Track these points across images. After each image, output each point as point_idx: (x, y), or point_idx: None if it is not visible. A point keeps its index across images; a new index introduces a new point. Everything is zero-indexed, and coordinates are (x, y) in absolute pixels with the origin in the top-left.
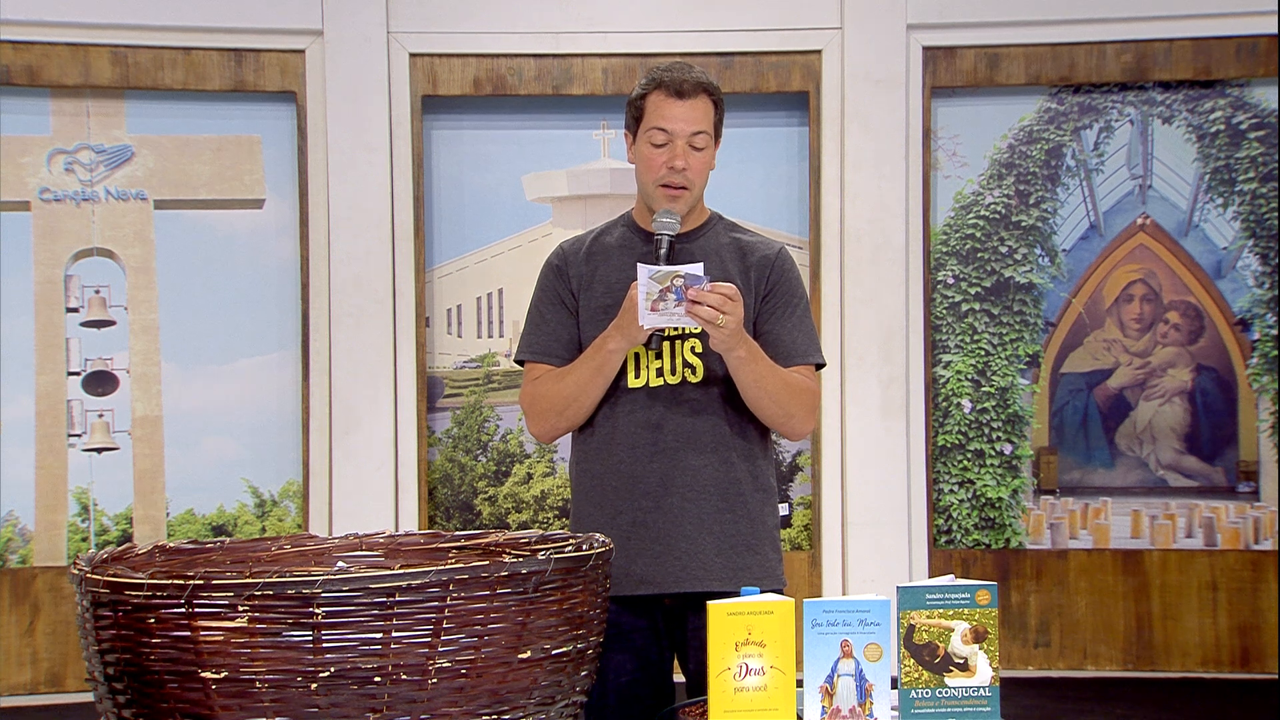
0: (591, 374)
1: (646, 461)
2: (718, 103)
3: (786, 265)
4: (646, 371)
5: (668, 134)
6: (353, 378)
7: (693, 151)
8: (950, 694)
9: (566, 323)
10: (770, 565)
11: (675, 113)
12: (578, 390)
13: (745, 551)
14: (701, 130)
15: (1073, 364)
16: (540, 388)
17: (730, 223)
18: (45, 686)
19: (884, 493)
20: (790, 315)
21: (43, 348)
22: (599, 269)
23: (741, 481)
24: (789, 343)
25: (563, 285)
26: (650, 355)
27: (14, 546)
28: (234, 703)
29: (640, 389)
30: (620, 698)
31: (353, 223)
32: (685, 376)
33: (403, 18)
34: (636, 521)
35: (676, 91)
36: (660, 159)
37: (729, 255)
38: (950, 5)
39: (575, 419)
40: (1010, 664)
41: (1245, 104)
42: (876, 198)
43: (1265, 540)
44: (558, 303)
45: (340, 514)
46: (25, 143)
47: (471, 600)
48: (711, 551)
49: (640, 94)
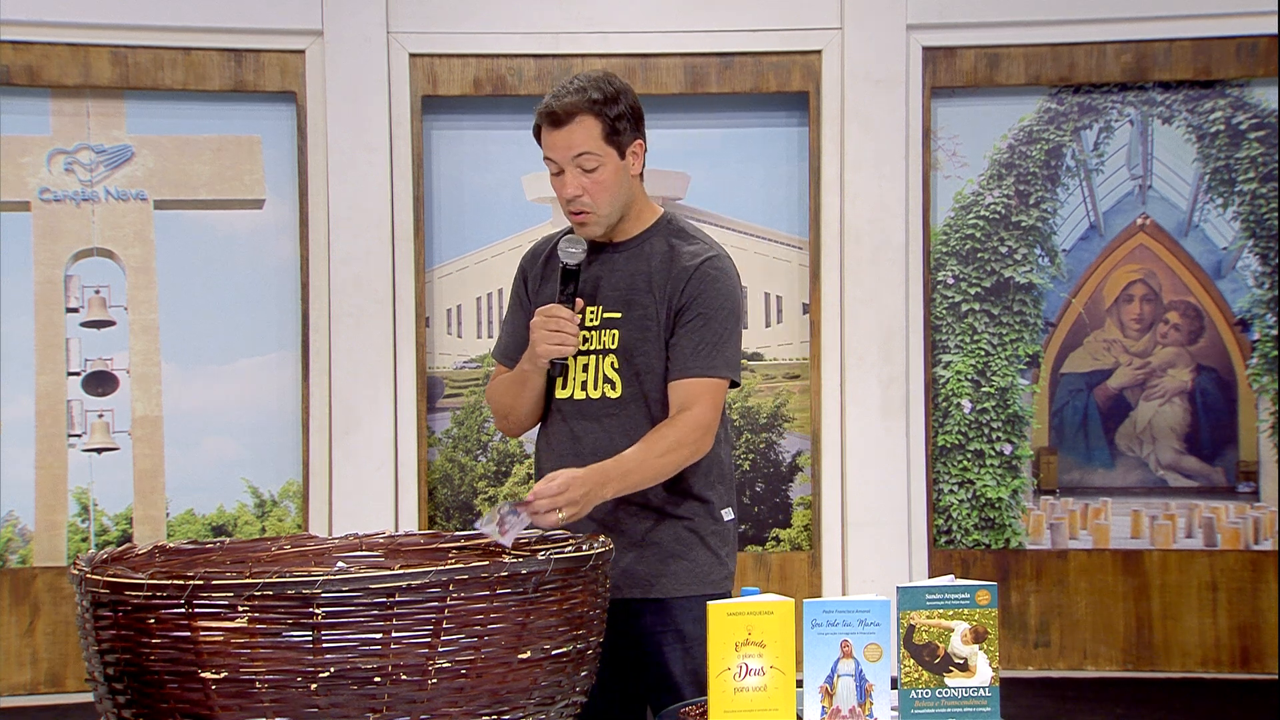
0: (517, 387)
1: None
2: (602, 115)
3: (704, 278)
4: (572, 384)
5: (554, 163)
6: (353, 378)
7: (583, 174)
8: (950, 694)
9: (524, 325)
10: (701, 569)
11: (553, 141)
12: (510, 399)
13: (670, 558)
14: (584, 152)
15: (1073, 364)
16: (490, 389)
17: (677, 227)
18: (45, 687)
19: (884, 493)
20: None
21: (43, 348)
22: (545, 283)
23: (660, 491)
24: (676, 356)
25: (522, 288)
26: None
27: (14, 546)
28: (234, 703)
29: (566, 400)
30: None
31: (353, 223)
32: (605, 392)
33: (403, 18)
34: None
35: (551, 120)
36: (560, 190)
37: (658, 264)
38: (950, 5)
39: (517, 423)
40: (1010, 664)
41: (1245, 104)
42: (876, 198)
43: (1265, 540)
44: (518, 306)
45: (340, 514)
46: (25, 143)
47: (471, 600)
48: (631, 559)
49: (535, 126)
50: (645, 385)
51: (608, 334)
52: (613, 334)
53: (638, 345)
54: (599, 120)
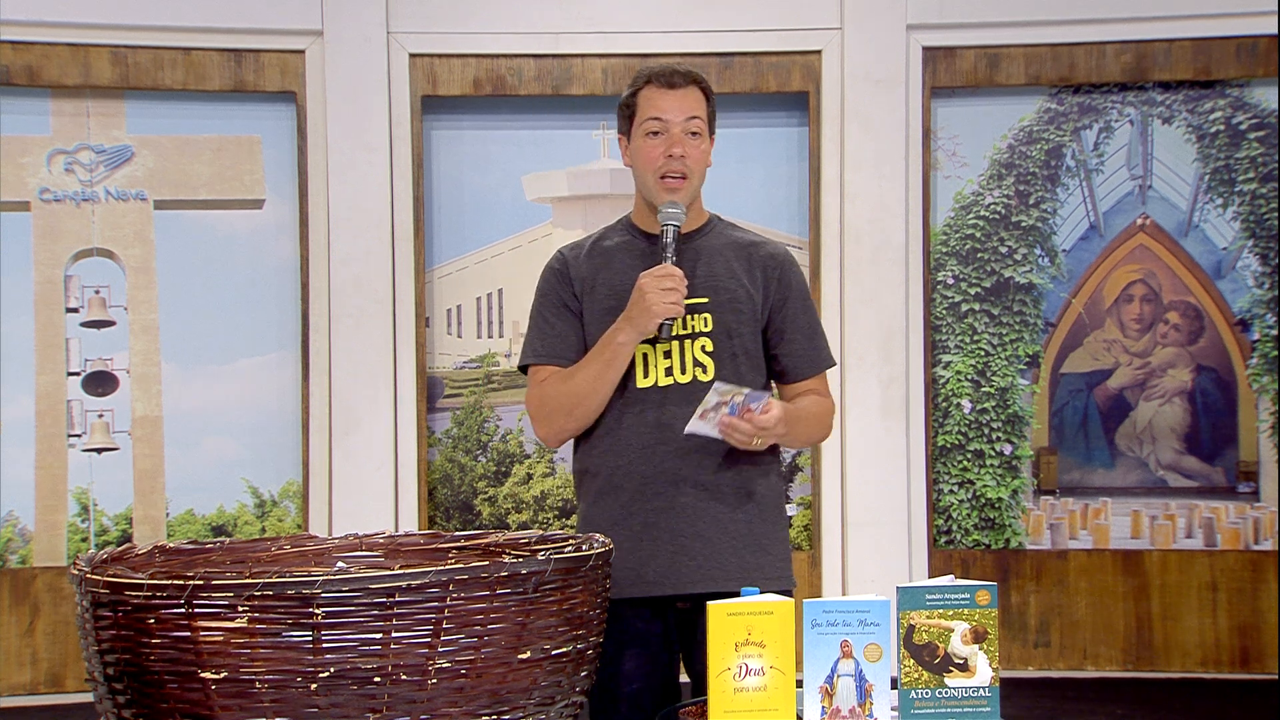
0: (601, 369)
1: (658, 461)
2: (709, 95)
3: (795, 267)
4: (655, 371)
5: (663, 122)
6: (353, 378)
7: (689, 139)
8: (950, 694)
9: (572, 325)
10: (781, 566)
11: (668, 103)
12: (587, 388)
13: (758, 551)
14: (696, 115)
15: (1073, 364)
16: (548, 389)
17: (729, 223)
18: (45, 687)
19: (884, 493)
20: (807, 322)
21: (43, 348)
22: (600, 272)
23: (754, 480)
24: (810, 353)
25: (565, 288)
26: (659, 353)
27: (14, 546)
28: (234, 703)
29: (650, 388)
30: (630, 699)
31: (353, 223)
32: (696, 375)
33: (403, 18)
34: (648, 523)
35: (667, 83)
36: (658, 149)
37: (733, 254)
38: (950, 5)
39: (585, 419)
40: (1010, 664)
41: (1245, 104)
42: (876, 198)
43: (1265, 540)
44: (561, 306)
45: (340, 514)
46: (25, 143)
47: (471, 600)
48: (727, 551)
49: (631, 92)
50: (741, 366)
51: (698, 318)
52: (704, 318)
53: (734, 328)
54: (706, 98)
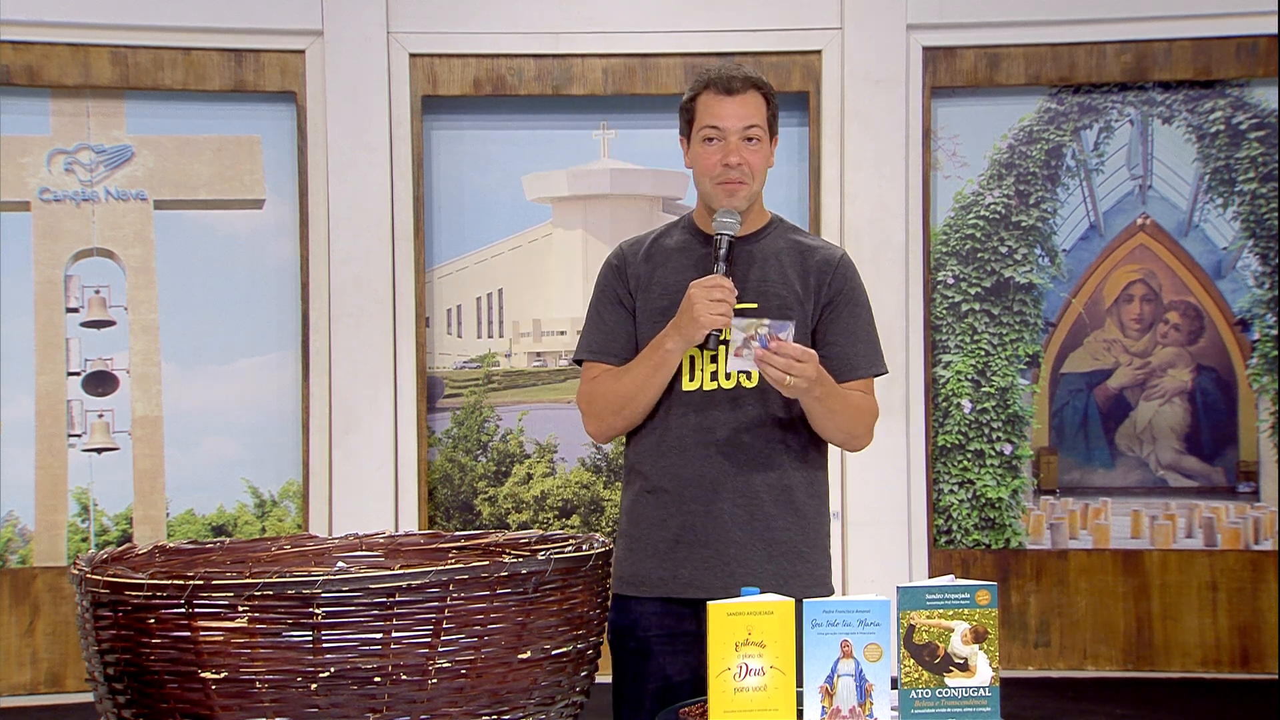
0: (649, 373)
1: (698, 465)
2: (769, 98)
3: (849, 270)
4: (701, 374)
5: (720, 130)
6: (353, 378)
7: (746, 146)
8: (950, 694)
9: (624, 323)
10: (820, 573)
11: (725, 110)
12: (635, 389)
13: (796, 558)
14: (754, 124)
15: (1073, 364)
16: (598, 386)
17: (791, 225)
18: (45, 687)
19: (884, 493)
20: (854, 325)
21: (43, 348)
22: (657, 270)
23: (794, 488)
24: (851, 356)
25: (621, 285)
26: (706, 358)
27: (14, 546)
28: (234, 703)
29: (694, 392)
30: (660, 700)
31: (353, 223)
32: (740, 381)
33: (403, 18)
34: (686, 525)
35: (725, 89)
36: (715, 157)
37: (788, 258)
38: (950, 5)
39: (632, 418)
40: (1010, 664)
41: (1245, 104)
42: (876, 198)
43: (1265, 540)
44: (615, 303)
45: (340, 514)
46: (25, 143)
47: (471, 600)
48: (761, 558)
49: (690, 96)
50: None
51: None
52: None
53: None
54: (767, 102)
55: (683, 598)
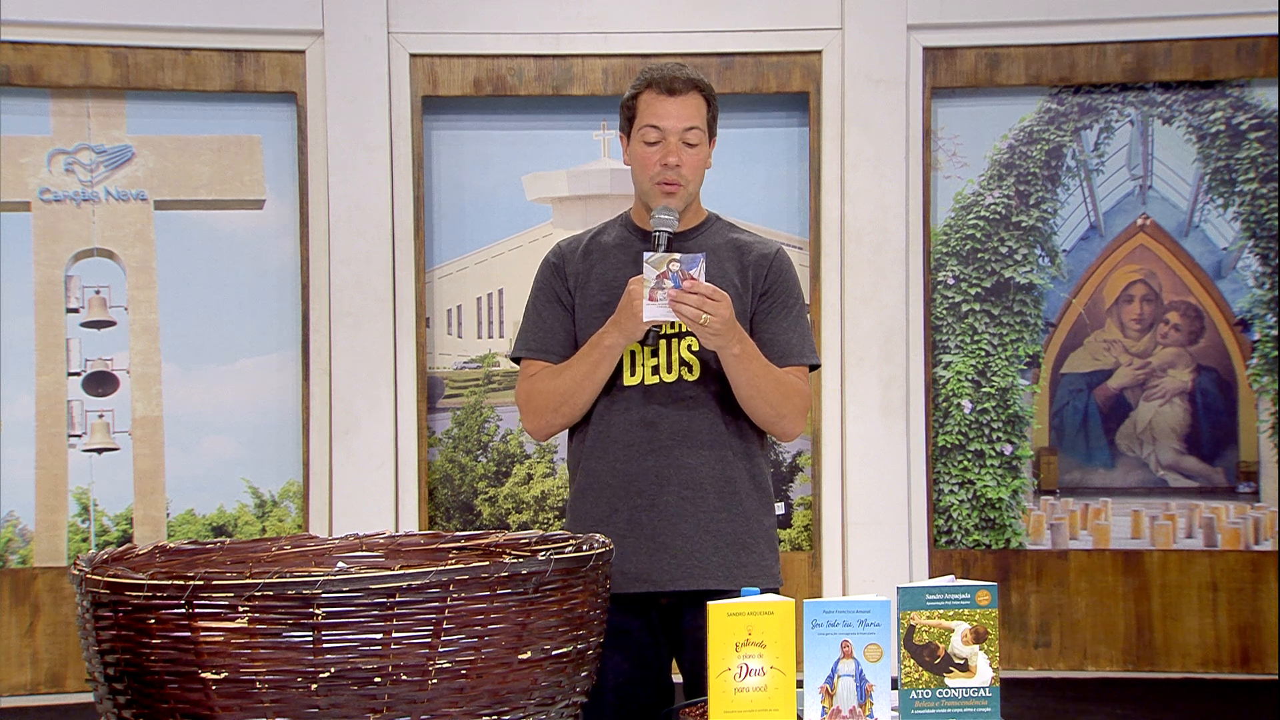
0: (588, 370)
1: (641, 459)
2: (710, 100)
3: (784, 265)
4: (642, 369)
5: (660, 131)
6: (353, 378)
7: (686, 148)
8: (950, 694)
9: (563, 320)
10: (766, 564)
11: (666, 110)
12: (574, 386)
13: (741, 550)
14: (693, 126)
15: (1073, 364)
16: (536, 384)
17: (728, 223)
18: (45, 687)
19: (884, 493)
20: (785, 315)
21: (43, 348)
22: (595, 267)
23: (738, 480)
24: (783, 343)
25: (559, 283)
26: (646, 352)
27: (14, 547)
28: (234, 703)
29: (636, 386)
30: (619, 697)
31: (353, 223)
32: (681, 374)
33: (403, 18)
34: (632, 520)
35: (667, 89)
36: (654, 157)
37: (726, 254)
38: (950, 5)
39: (571, 415)
40: (1010, 664)
41: (1245, 104)
42: (876, 198)
43: (1265, 540)
44: (554, 300)
45: (340, 514)
46: (25, 143)
47: (471, 601)
48: (708, 550)
49: (632, 94)
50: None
51: None
52: None
53: None
54: (708, 104)
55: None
